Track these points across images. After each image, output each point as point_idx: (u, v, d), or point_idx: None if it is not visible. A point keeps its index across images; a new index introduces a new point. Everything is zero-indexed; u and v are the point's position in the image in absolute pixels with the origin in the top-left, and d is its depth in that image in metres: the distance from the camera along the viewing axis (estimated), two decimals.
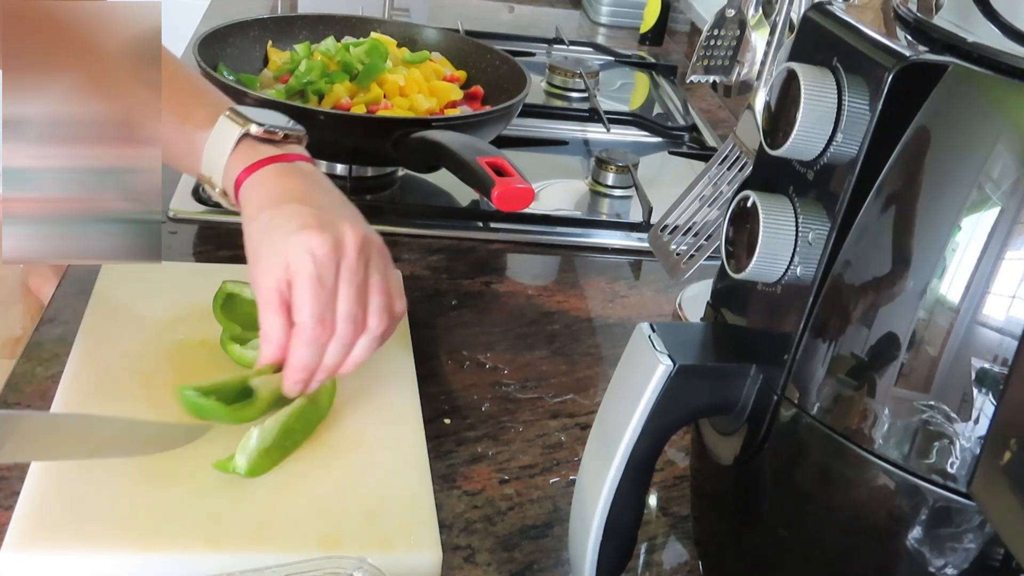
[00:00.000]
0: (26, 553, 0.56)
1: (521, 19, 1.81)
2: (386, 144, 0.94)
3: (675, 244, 0.79)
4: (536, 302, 0.91)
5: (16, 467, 0.63)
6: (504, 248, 1.00)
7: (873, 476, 0.44)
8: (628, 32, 1.78)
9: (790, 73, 0.46)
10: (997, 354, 0.40)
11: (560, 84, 1.41)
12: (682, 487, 0.71)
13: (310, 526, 0.59)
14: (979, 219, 0.40)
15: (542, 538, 0.65)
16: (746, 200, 0.48)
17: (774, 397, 0.48)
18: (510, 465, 0.71)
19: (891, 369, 0.43)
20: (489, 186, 0.82)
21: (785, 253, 0.47)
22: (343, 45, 1.11)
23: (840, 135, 0.45)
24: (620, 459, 0.49)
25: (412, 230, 1.00)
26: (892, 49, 0.43)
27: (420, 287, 0.90)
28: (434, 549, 0.60)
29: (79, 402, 0.66)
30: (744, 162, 0.77)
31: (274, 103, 0.97)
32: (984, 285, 0.40)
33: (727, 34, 0.82)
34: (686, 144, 1.30)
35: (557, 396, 0.79)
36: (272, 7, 1.69)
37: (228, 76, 1.05)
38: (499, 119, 1.03)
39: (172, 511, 0.59)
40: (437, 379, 0.79)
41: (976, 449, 0.41)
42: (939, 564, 0.44)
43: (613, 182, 1.12)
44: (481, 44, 1.19)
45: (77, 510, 0.58)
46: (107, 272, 0.80)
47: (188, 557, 0.57)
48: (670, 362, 0.48)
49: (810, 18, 0.49)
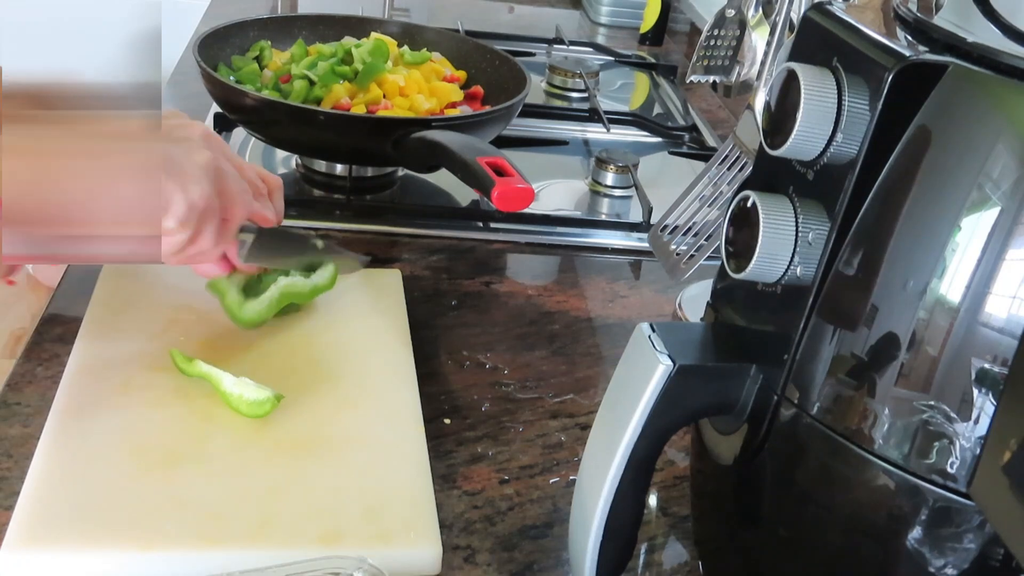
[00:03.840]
0: (26, 553, 0.56)
1: (521, 19, 1.81)
2: (386, 144, 0.94)
3: (675, 244, 0.79)
4: (536, 302, 0.92)
5: (16, 467, 0.64)
6: (504, 248, 1.00)
7: (873, 476, 0.44)
8: (628, 32, 1.78)
9: (790, 73, 0.46)
10: (997, 354, 0.40)
11: (560, 84, 1.41)
12: (682, 487, 0.71)
13: (310, 524, 0.59)
14: (979, 219, 0.40)
15: (542, 538, 0.65)
16: (746, 200, 0.48)
17: (774, 397, 0.48)
18: (510, 465, 0.71)
19: (891, 369, 0.43)
20: (489, 186, 0.82)
21: (785, 253, 0.47)
22: (343, 45, 1.11)
23: (840, 135, 0.45)
24: (620, 459, 0.49)
25: (412, 230, 1.00)
26: (892, 49, 0.44)
27: (420, 287, 0.90)
28: (434, 546, 0.60)
29: (80, 402, 0.66)
30: (744, 162, 0.77)
31: (274, 103, 0.97)
32: (984, 285, 0.40)
33: (727, 34, 0.82)
34: (686, 144, 1.30)
35: (557, 396, 0.79)
36: (272, 7, 1.69)
37: (228, 76, 1.05)
38: (499, 119, 1.03)
39: (172, 510, 0.59)
40: (437, 379, 0.79)
41: (976, 449, 0.41)
42: (939, 564, 0.44)
43: (613, 182, 1.12)
44: (481, 44, 1.19)
45: (77, 509, 0.58)
46: (107, 272, 0.80)
47: (188, 555, 0.57)
48: (670, 362, 0.48)
49: (810, 18, 0.49)
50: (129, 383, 0.69)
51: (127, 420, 0.66)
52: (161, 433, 0.65)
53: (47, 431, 0.64)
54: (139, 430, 0.65)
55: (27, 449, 0.64)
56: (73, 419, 0.65)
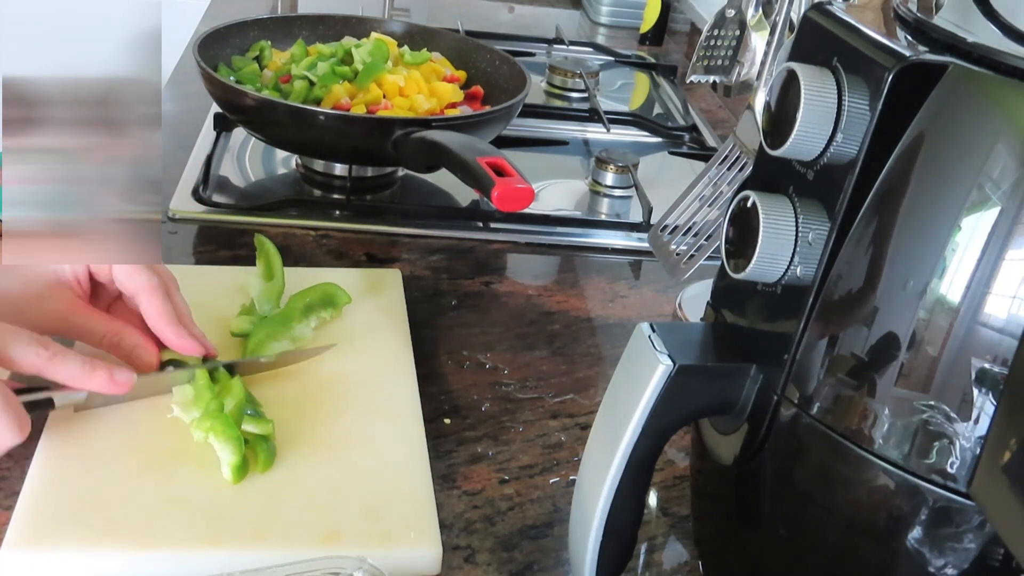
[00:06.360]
0: (26, 552, 0.56)
1: (521, 19, 1.81)
2: (386, 144, 0.94)
3: (675, 244, 0.79)
4: (536, 302, 0.92)
5: (16, 467, 0.64)
6: (504, 248, 1.00)
7: (873, 476, 0.44)
8: (628, 32, 1.78)
9: (790, 73, 0.46)
10: (997, 354, 0.40)
11: (560, 84, 1.41)
12: (682, 487, 0.72)
13: (310, 524, 0.59)
14: (979, 219, 0.40)
15: (542, 538, 0.65)
16: (746, 200, 0.48)
17: (774, 397, 0.48)
18: (510, 465, 0.71)
19: (891, 369, 0.43)
20: (489, 186, 0.82)
21: (785, 253, 0.47)
22: (343, 45, 1.11)
23: (840, 135, 0.45)
24: (620, 459, 0.49)
25: (412, 230, 1.00)
26: (892, 49, 0.43)
27: (420, 287, 0.90)
28: (434, 546, 0.60)
29: None
30: (744, 162, 0.77)
31: (274, 103, 0.97)
32: (984, 285, 0.40)
33: (727, 34, 0.82)
34: (686, 144, 1.30)
35: (557, 396, 0.79)
36: (272, 7, 1.69)
37: (228, 76, 1.05)
38: (499, 119, 1.03)
39: (172, 510, 0.59)
40: (437, 379, 0.79)
41: (976, 449, 0.41)
42: (939, 564, 0.44)
43: (613, 182, 1.12)
44: (481, 44, 1.19)
45: (77, 509, 0.58)
46: None
47: (188, 556, 0.57)
48: (670, 362, 0.48)
49: (810, 18, 0.49)
50: None
51: (127, 420, 0.66)
52: (161, 433, 0.65)
53: (47, 431, 0.64)
54: (139, 430, 0.65)
55: (27, 449, 0.64)
56: (73, 419, 0.65)
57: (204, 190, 1.00)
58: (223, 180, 1.06)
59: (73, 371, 0.61)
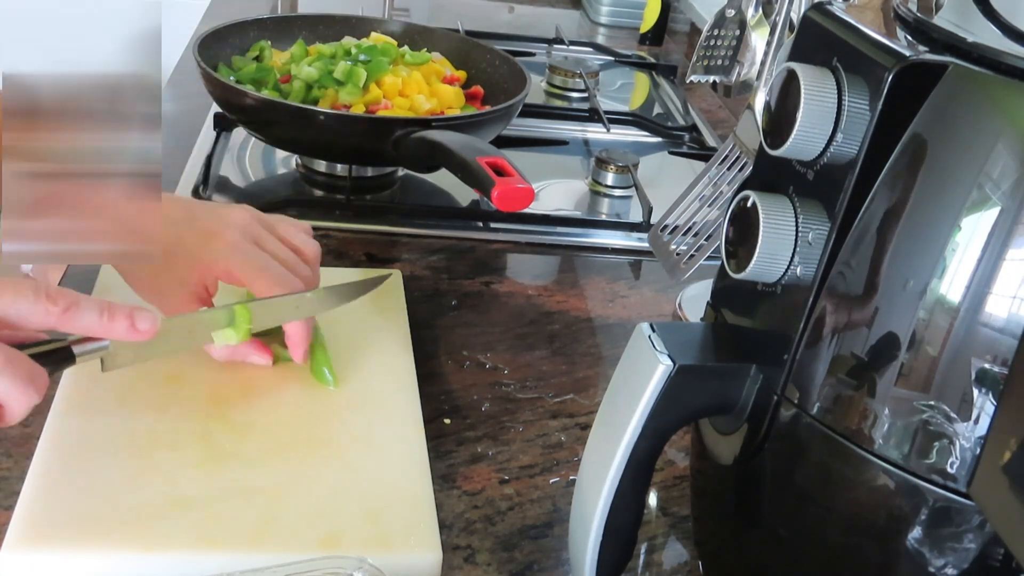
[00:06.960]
0: (26, 553, 0.56)
1: (521, 19, 1.81)
2: (386, 144, 0.94)
3: (675, 244, 0.79)
4: (536, 302, 0.92)
5: (16, 467, 0.64)
6: (504, 248, 1.00)
7: (873, 476, 0.44)
8: (628, 32, 1.78)
9: (790, 73, 0.46)
10: (997, 354, 0.40)
11: (560, 84, 1.41)
12: (682, 487, 0.71)
13: (310, 526, 0.59)
14: (979, 219, 0.40)
15: (542, 538, 0.65)
16: (746, 200, 0.48)
17: (774, 397, 0.48)
18: (510, 465, 0.71)
19: (891, 369, 0.43)
20: (489, 186, 0.82)
21: (785, 253, 0.47)
22: (343, 45, 1.11)
23: (840, 135, 0.45)
24: (620, 459, 0.49)
25: (412, 230, 1.00)
26: (892, 49, 0.44)
27: (420, 287, 0.90)
28: (434, 548, 0.60)
29: (79, 402, 0.66)
30: (744, 162, 0.77)
31: (274, 103, 0.97)
32: (984, 285, 0.40)
33: (727, 34, 0.82)
34: (686, 144, 1.30)
35: (557, 396, 0.79)
36: (272, 7, 1.69)
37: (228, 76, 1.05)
38: (499, 119, 1.03)
39: (172, 511, 0.59)
40: (437, 379, 0.79)
41: (976, 449, 0.41)
42: (939, 564, 0.44)
43: (613, 182, 1.12)
44: (481, 44, 1.19)
45: (77, 510, 0.58)
46: (107, 272, 0.80)
47: (188, 557, 0.57)
48: (670, 362, 0.48)
49: (810, 18, 0.49)
50: (129, 383, 0.69)
51: (127, 420, 0.66)
52: (161, 433, 0.65)
53: (47, 431, 0.64)
54: (139, 430, 0.65)
55: (27, 449, 0.64)
56: (73, 419, 0.65)
57: (204, 190, 1.00)
58: (223, 180, 1.06)
59: (91, 321, 0.57)
